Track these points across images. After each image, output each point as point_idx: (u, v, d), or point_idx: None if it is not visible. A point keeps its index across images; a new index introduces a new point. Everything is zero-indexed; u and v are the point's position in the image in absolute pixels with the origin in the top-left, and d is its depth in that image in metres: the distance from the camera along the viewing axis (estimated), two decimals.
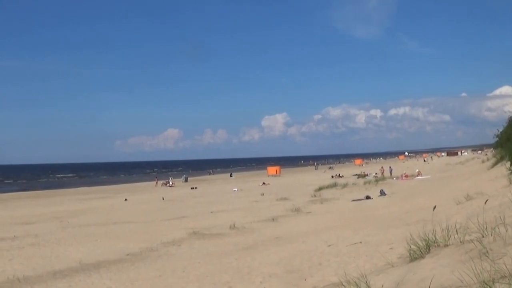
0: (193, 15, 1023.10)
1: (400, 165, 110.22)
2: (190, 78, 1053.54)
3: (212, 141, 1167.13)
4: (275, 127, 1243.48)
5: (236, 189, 65.03)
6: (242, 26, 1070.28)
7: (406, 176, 65.30)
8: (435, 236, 8.76)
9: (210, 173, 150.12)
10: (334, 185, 55.36)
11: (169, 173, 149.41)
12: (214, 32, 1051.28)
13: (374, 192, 42.92)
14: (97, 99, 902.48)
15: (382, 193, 41.26)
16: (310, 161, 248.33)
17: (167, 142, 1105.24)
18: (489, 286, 5.04)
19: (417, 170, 73.19)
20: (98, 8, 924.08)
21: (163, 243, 24.00)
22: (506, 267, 5.55)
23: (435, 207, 10.80)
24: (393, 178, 65.33)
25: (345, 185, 53.77)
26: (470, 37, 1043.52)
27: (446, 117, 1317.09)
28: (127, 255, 21.59)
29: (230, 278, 15.48)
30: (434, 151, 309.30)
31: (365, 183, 56.84)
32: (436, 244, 8.67)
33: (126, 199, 56.74)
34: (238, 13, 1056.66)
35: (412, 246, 8.79)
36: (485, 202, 11.46)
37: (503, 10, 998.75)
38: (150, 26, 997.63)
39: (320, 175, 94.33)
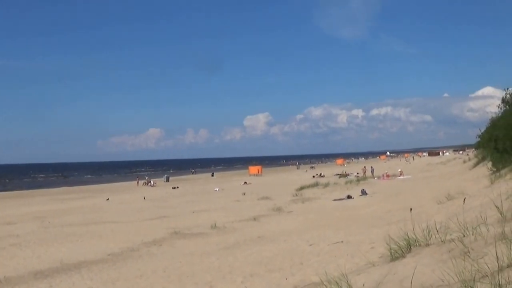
0: (178, 18, 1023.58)
1: (381, 165, 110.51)
2: (172, 78, 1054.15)
3: (194, 141, 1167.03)
4: (257, 126, 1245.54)
5: (217, 189, 64.79)
6: (226, 28, 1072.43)
7: (388, 176, 65.60)
8: (416, 236, 8.76)
9: (192, 173, 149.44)
10: (316, 184, 55.42)
11: (147, 172, 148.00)
12: (199, 35, 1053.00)
13: (355, 191, 42.99)
14: (80, 99, 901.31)
15: (364, 192, 41.35)
16: (292, 160, 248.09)
17: (149, 142, 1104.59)
18: (470, 286, 5.04)
19: (399, 170, 73.54)
20: (91, 11, 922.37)
21: (144, 243, 23.87)
22: (487, 266, 5.55)
23: (411, 209, 10.86)
24: (374, 178, 65.62)
25: (326, 185, 53.83)
26: (453, 38, 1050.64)
27: (428, 118, 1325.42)
28: (109, 255, 21.46)
29: (211, 277, 15.46)
30: (415, 151, 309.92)
31: (346, 182, 56.97)
32: (417, 244, 8.67)
33: (107, 199, 56.44)
34: (222, 16, 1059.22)
35: (393, 246, 8.79)
36: (464, 201, 11.52)
37: (485, 13, 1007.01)
38: (131, 29, 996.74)
39: (302, 175, 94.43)
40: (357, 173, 79.76)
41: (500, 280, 4.98)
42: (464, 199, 12.10)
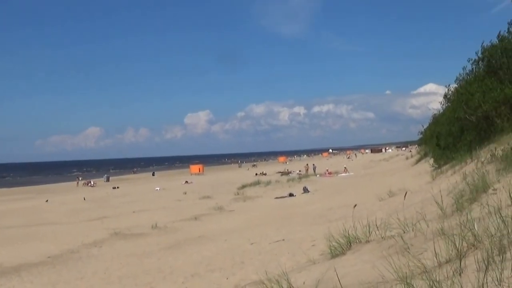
0: (116, 15, 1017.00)
1: (324, 162, 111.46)
2: (112, 76, 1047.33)
3: (134, 140, 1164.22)
4: (198, 124, 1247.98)
5: (158, 188, 64.33)
6: (168, 26, 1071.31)
7: (330, 173, 66.13)
8: (356, 233, 8.76)
9: (134, 172, 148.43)
10: (258, 183, 55.51)
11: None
12: (138, 32, 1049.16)
13: (297, 189, 43.19)
14: (17, 97, 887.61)
15: (306, 190, 41.53)
16: (234, 159, 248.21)
17: (89, 141, 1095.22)
18: (408, 282, 5.00)
19: (344, 166, 74.23)
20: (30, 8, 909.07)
21: (84, 245, 23.60)
22: (426, 262, 5.53)
23: (355, 205, 10.86)
24: (316, 175, 65.99)
25: (268, 183, 53.95)
26: (395, 35, 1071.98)
27: (370, 115, 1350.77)
28: (49, 257, 21.18)
29: (152, 278, 15.37)
30: (358, 148, 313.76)
31: (288, 180, 57.19)
32: (357, 241, 8.68)
33: (47, 200, 55.42)
34: (165, 14, 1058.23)
35: (333, 243, 8.77)
36: (404, 197, 11.57)
37: (428, 10, 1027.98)
38: (68, 28, 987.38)
39: (244, 173, 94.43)
40: (299, 171, 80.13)
41: (439, 276, 4.96)
42: (405, 195, 12.15)
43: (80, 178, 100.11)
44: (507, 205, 6.88)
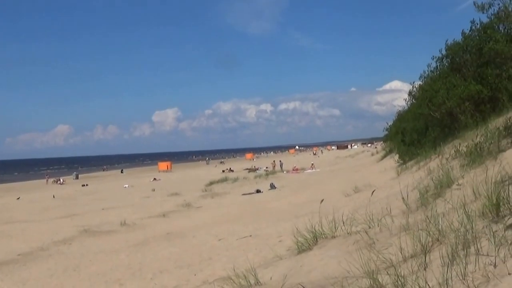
0: (86, 12, 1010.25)
1: (290, 159, 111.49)
2: (80, 73, 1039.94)
3: (103, 137, 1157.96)
4: (166, 122, 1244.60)
5: (127, 186, 63.99)
6: (135, 23, 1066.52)
7: (296, 169, 66.19)
8: (322, 228, 8.85)
9: (104, 170, 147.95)
10: (225, 179, 55.34)
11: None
12: (107, 29, 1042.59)
13: (264, 186, 43.19)
14: None
15: (272, 186, 41.59)
16: (201, 156, 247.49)
17: (58, 139, 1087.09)
18: (374, 277, 5.10)
19: (311, 163, 74.38)
20: None
21: (54, 242, 23.41)
22: (391, 257, 5.63)
23: (322, 200, 10.94)
24: (283, 172, 66.04)
25: (235, 180, 53.84)
26: (360, 33, 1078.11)
27: (336, 111, 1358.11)
28: (19, 255, 20.99)
29: (121, 275, 15.35)
30: (324, 144, 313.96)
31: (255, 177, 57.10)
32: (323, 236, 8.77)
33: (19, 198, 54.82)
34: (132, 11, 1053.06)
35: (300, 239, 8.86)
36: (372, 194, 11.68)
37: (393, 6, 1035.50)
38: (37, 22, 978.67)
39: (211, 170, 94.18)
40: (266, 167, 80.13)
41: (404, 270, 5.06)
42: (373, 192, 12.25)
43: (48, 176, 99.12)
44: (471, 200, 6.99)
